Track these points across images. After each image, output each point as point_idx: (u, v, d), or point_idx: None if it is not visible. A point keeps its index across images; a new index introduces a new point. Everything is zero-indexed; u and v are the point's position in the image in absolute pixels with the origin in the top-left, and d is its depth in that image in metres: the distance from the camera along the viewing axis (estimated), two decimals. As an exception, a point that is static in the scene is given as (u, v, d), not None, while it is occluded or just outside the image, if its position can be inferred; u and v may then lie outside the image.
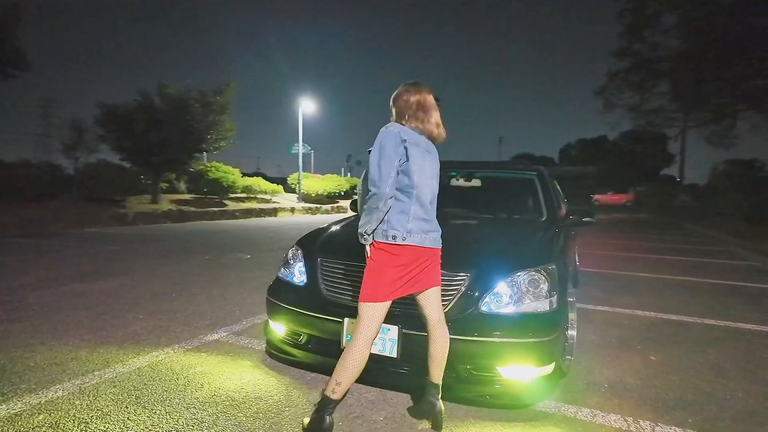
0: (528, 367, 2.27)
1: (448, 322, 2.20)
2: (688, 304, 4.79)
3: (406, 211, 2.01)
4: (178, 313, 3.95)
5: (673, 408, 2.43)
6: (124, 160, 15.57)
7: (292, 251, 3.03)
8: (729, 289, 5.68)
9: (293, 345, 2.72)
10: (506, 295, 2.38)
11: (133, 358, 2.91)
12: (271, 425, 2.15)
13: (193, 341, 3.26)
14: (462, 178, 4.03)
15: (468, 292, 2.37)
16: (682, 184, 34.25)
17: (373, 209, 1.97)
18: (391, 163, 1.97)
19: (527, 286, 2.41)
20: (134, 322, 3.66)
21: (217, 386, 2.54)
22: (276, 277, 3.04)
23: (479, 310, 2.34)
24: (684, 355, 3.26)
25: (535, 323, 2.32)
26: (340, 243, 2.92)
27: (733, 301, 5.03)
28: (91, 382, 2.54)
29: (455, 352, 2.26)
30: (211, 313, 3.98)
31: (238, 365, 2.86)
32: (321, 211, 21.54)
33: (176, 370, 2.75)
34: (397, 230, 1.98)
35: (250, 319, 3.82)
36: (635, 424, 2.25)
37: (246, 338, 3.36)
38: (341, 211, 22.53)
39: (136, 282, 5.15)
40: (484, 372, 2.30)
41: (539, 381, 2.31)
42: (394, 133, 2.01)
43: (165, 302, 4.30)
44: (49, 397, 2.36)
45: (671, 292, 5.40)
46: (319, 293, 2.65)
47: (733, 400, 2.55)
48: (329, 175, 26.12)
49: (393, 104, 2.14)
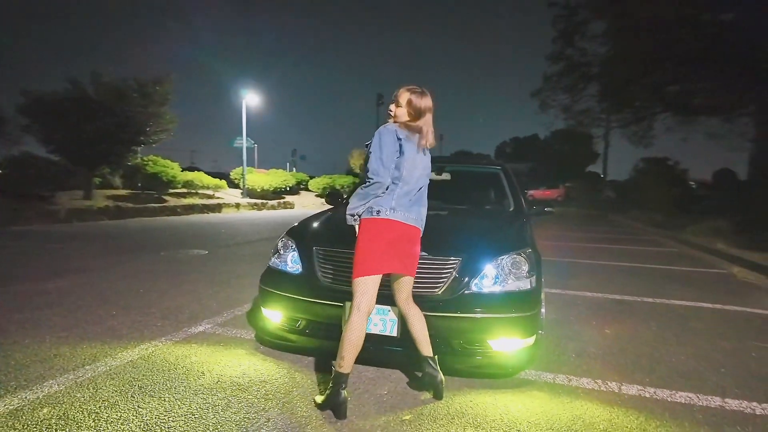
0: (513, 340, 2.53)
1: (439, 302, 2.48)
2: (627, 285, 5.37)
3: (391, 193, 2.25)
4: (153, 308, 3.88)
5: (632, 371, 2.81)
6: (52, 152, 14.40)
7: (282, 242, 3.12)
8: (658, 272, 6.39)
9: (291, 331, 2.82)
10: (493, 276, 2.64)
11: (122, 352, 2.88)
12: (284, 404, 2.27)
13: (178, 334, 3.25)
14: (433, 172, 4.26)
15: (460, 275, 2.59)
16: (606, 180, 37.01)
17: (370, 194, 2.21)
18: (391, 156, 2.20)
19: (510, 268, 2.68)
20: (108, 318, 3.57)
21: (219, 373, 2.60)
22: (268, 266, 3.11)
23: (470, 290, 2.58)
24: (632, 328, 3.71)
25: (519, 300, 2.59)
26: (334, 233, 3.04)
27: (663, 282, 5.69)
28: (85, 376, 2.51)
29: (450, 329, 2.49)
30: (188, 307, 3.95)
31: (233, 354, 2.91)
32: (267, 206, 21.13)
33: (172, 360, 2.77)
34: (381, 206, 2.22)
35: (230, 311, 3.84)
36: (604, 385, 2.59)
37: (232, 329, 3.40)
38: (288, 207, 22.24)
39: (94, 280, 4.94)
40: (476, 345, 2.54)
41: (523, 352, 2.59)
42: (392, 131, 2.26)
43: (134, 298, 4.20)
44: (45, 391, 2.31)
45: (611, 276, 6.00)
46: (316, 280, 2.77)
47: (678, 362, 2.98)
48: (274, 170, 25.59)
49: (403, 105, 2.31)
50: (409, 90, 2.33)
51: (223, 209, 18.44)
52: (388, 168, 2.21)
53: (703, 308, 4.46)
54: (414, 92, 2.31)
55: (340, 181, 25.03)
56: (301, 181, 26.41)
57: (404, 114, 2.31)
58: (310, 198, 24.80)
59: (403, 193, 2.26)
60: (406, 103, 2.30)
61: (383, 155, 2.20)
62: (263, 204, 21.25)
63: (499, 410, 2.26)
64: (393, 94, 2.40)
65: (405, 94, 2.32)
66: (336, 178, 25.37)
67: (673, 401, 2.41)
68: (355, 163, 26.12)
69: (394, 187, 2.25)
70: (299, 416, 2.16)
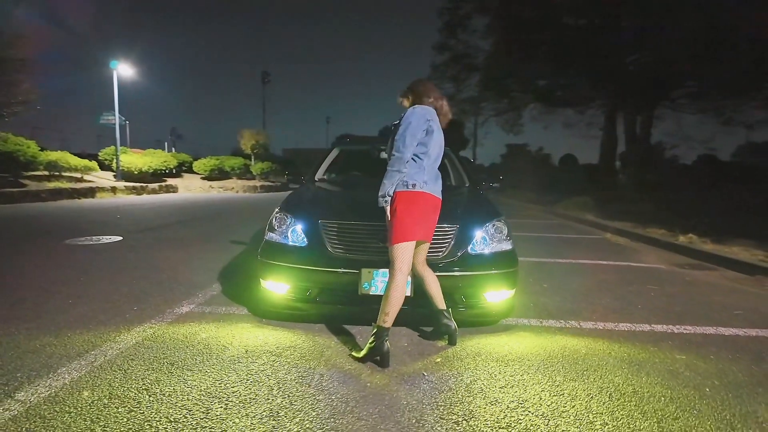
0: (501, 292, 3.02)
1: (443, 263, 2.88)
2: (538, 250, 6.32)
3: (421, 169, 2.56)
4: (114, 295, 3.63)
5: (580, 312, 3.51)
6: None
7: (278, 216, 3.20)
8: (554, 240, 7.56)
9: (301, 300, 2.96)
10: (483, 240, 3.08)
11: (120, 336, 2.75)
12: (326, 362, 2.46)
13: (165, 316, 3.15)
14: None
15: (457, 240, 2.99)
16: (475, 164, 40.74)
17: (394, 171, 2.50)
18: (414, 135, 2.51)
19: (494, 233, 3.15)
20: (70, 308, 3.28)
21: (242, 344, 2.66)
22: (265, 241, 3.17)
23: (467, 251, 3.00)
24: (561, 282, 4.50)
25: (505, 259, 3.08)
26: (335, 207, 3.21)
27: (563, 246, 6.80)
28: (99, 360, 2.40)
29: (452, 286, 2.88)
30: (151, 291, 3.76)
31: (241, 328, 2.96)
32: (148, 190, 19.33)
33: (181, 339, 2.73)
34: (416, 180, 2.53)
35: (204, 292, 3.76)
36: (567, 323, 3.23)
37: (219, 307, 3.38)
38: (171, 191, 20.59)
39: (14, 271, 4.35)
40: (473, 298, 2.97)
41: (507, 302, 3.09)
42: (423, 113, 2.55)
43: (82, 287, 3.85)
44: (67, 378, 2.19)
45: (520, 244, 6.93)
46: (325, 251, 2.94)
47: (608, 304, 3.78)
48: (152, 151, 23.35)
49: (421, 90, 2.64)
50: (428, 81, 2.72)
51: (97, 194, 16.47)
52: (411, 145, 2.51)
53: (601, 264, 5.52)
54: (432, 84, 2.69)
55: (230, 162, 23.79)
56: (183, 162, 24.50)
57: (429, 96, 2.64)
58: (195, 181, 23.17)
59: (430, 168, 2.58)
60: (424, 88, 2.63)
61: (407, 133, 2.50)
62: (143, 188, 19.39)
63: (505, 348, 2.73)
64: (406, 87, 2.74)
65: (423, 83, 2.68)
66: (224, 160, 24.01)
67: (620, 330, 3.13)
68: (245, 144, 24.91)
69: (421, 163, 2.55)
70: (347, 369, 2.38)
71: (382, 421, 1.90)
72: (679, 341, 2.94)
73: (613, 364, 2.52)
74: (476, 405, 2.04)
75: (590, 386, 2.25)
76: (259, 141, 25.02)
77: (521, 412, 1.98)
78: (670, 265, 5.64)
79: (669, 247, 6.78)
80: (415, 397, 2.11)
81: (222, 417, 1.88)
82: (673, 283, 4.64)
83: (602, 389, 2.22)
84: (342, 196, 3.61)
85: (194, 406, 1.97)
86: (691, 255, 6.19)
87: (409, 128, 2.50)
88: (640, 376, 2.37)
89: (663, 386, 2.27)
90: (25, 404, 1.95)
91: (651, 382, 2.32)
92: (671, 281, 4.71)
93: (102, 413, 1.89)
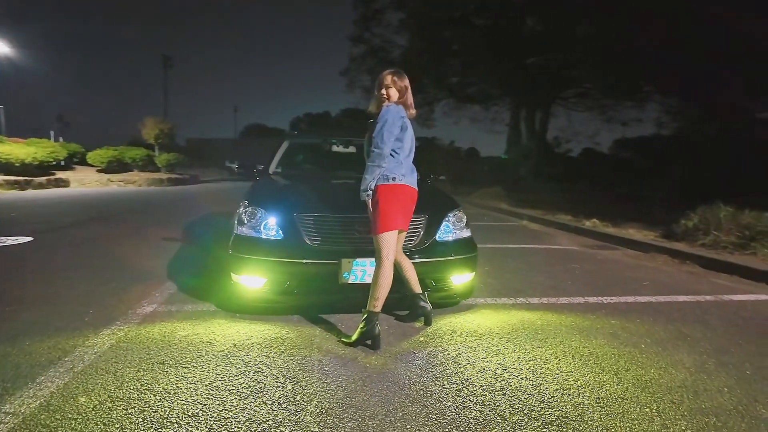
0: (465, 275, 3.32)
1: (416, 250, 3.10)
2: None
3: (398, 163, 2.75)
4: (58, 299, 3.35)
5: (525, 289, 3.95)
6: None
7: (248, 210, 3.19)
8: (479, 227, 8.16)
9: (278, 293, 2.99)
10: (446, 228, 3.35)
11: (89, 340, 2.60)
12: (318, 349, 2.57)
13: (130, 317, 3.00)
14: (341, 145, 4.71)
15: (427, 229, 3.23)
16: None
17: (375, 167, 2.65)
18: (391, 132, 2.68)
19: (456, 221, 3.44)
20: (13, 315, 2.99)
21: (227, 339, 2.66)
22: (236, 235, 3.14)
23: (435, 239, 3.25)
24: (499, 265, 4.96)
25: (466, 245, 3.38)
26: (308, 200, 3.26)
27: (489, 232, 7.39)
28: (79, 366, 2.27)
29: (424, 271, 3.11)
30: (100, 293, 3.53)
31: (217, 324, 2.92)
32: (34, 185, 17.14)
33: (159, 338, 2.66)
34: (395, 174, 2.71)
35: (162, 290, 3.61)
36: (517, 300, 3.63)
37: (185, 305, 3.29)
38: (62, 185, 18.47)
39: None
40: (441, 282, 3.23)
41: (469, 284, 3.40)
42: (397, 111, 2.73)
43: (13, 293, 3.48)
44: (53, 385, 2.07)
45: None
46: (303, 243, 3.01)
47: (544, 281, 4.27)
48: (35, 140, 20.63)
49: (391, 86, 2.76)
50: (392, 73, 2.80)
51: (-30, 189, 14.33)
52: (389, 141, 2.66)
53: (526, 248, 6.14)
54: (396, 74, 2.80)
55: (131, 153, 21.80)
56: (75, 153, 22.03)
57: (395, 94, 2.78)
58: (91, 174, 20.91)
59: (406, 161, 2.76)
60: (392, 83, 2.77)
61: (385, 130, 2.64)
62: (27, 182, 17.17)
63: (474, 325, 3.04)
64: (377, 79, 2.85)
65: (389, 77, 2.78)
66: (124, 151, 21.93)
67: (561, 303, 3.60)
68: (148, 134, 22.97)
69: (398, 157, 2.73)
70: (341, 354, 2.52)
71: (393, 395, 2.07)
72: (609, 309, 3.46)
73: (566, 332, 2.93)
74: (469, 374, 2.30)
75: (555, 351, 2.62)
76: (164, 130, 23.23)
77: (508, 377, 2.28)
78: (582, 246, 6.44)
79: (578, 231, 7.69)
80: (414, 372, 2.31)
81: (241, 407, 1.93)
82: (589, 261, 5.34)
83: (566, 353, 2.59)
84: (310, 188, 3.65)
85: (207, 400, 1.98)
86: (597, 237, 7.10)
87: (386, 125, 2.65)
88: (590, 340, 2.80)
89: (610, 346, 2.71)
90: (18, 416, 1.83)
91: (600, 343, 2.75)
92: (587, 260, 5.41)
93: (110, 416, 1.84)
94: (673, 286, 4.26)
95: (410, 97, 2.87)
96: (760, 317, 3.36)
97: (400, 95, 2.78)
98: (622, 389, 2.18)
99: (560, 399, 2.07)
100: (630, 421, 1.90)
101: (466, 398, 2.05)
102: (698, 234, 6.03)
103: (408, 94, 2.82)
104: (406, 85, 2.79)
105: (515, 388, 2.16)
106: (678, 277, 4.67)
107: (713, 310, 3.52)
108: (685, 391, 2.18)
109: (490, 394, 2.10)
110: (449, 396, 2.07)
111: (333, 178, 4.20)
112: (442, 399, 2.04)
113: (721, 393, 2.17)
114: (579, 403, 2.04)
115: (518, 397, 2.08)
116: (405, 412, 1.93)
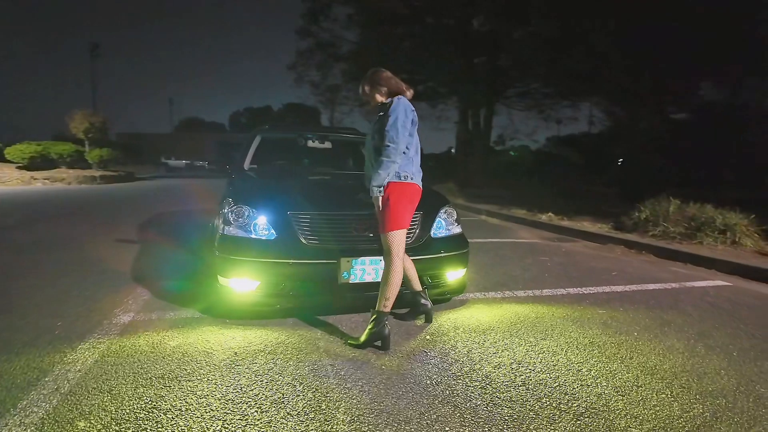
0: (459, 270, 3.32)
1: (413, 247, 3.04)
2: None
3: (410, 160, 2.70)
4: (15, 310, 2.99)
5: (509, 283, 4.03)
6: None
7: (235, 209, 3.00)
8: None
9: (273, 295, 2.84)
10: (439, 224, 3.33)
11: (68, 356, 2.33)
12: (326, 352, 2.46)
13: (107, 328, 2.73)
14: (317, 140, 4.56)
15: (422, 226, 3.19)
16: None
17: (389, 162, 2.55)
18: (405, 126, 2.62)
19: (447, 217, 3.43)
20: (-37, 332, 2.62)
21: (225, 347, 2.49)
22: (223, 236, 2.94)
23: (430, 236, 3.22)
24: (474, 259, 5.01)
25: (459, 241, 3.39)
26: (303, 198, 3.11)
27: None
28: (68, 384, 2.03)
29: (421, 268, 3.08)
30: (66, 301, 3.19)
31: (208, 331, 2.73)
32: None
33: (148, 350, 2.44)
34: (407, 172, 2.65)
35: (134, 296, 3.32)
36: (504, 294, 3.69)
37: (165, 312, 3.04)
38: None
39: None
40: (438, 278, 3.21)
41: (462, 280, 3.40)
42: (407, 104, 2.66)
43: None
44: (41, 411, 1.83)
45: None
46: (299, 243, 2.88)
47: (523, 274, 4.38)
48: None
49: (383, 84, 2.70)
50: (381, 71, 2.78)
51: None
52: (403, 135, 2.57)
53: (493, 242, 6.29)
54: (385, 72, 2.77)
55: (57, 149, 20.03)
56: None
57: (399, 88, 2.72)
58: (10, 171, 18.97)
59: (416, 159, 2.70)
60: (386, 81, 2.72)
61: (399, 124, 2.55)
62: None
63: (473, 320, 3.05)
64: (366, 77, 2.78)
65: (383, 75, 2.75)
66: (50, 146, 20.08)
67: (546, 295, 3.70)
68: (77, 128, 21.17)
69: (409, 153, 2.65)
70: (352, 356, 2.43)
71: (420, 397, 2.02)
72: (592, 300, 3.61)
73: (563, 323, 3.01)
74: (486, 370, 2.29)
75: (559, 342, 2.68)
76: (95, 124, 21.52)
77: (525, 371, 2.29)
78: (544, 239, 6.69)
79: (535, 225, 7.99)
80: (433, 372, 2.27)
81: (265, 420, 1.80)
82: (556, 254, 5.55)
83: (569, 344, 2.66)
84: (299, 185, 3.50)
85: (225, 415, 1.83)
86: (555, 230, 7.41)
87: (398, 119, 2.56)
88: (586, 330, 2.90)
89: (606, 335, 2.82)
90: (10, 448, 1.59)
91: (596, 333, 2.85)
92: (554, 252, 5.62)
93: (121, 441, 1.65)
94: (639, 275, 4.51)
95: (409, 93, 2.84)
96: (724, 302, 3.63)
97: (394, 92, 2.73)
98: (633, 377, 2.26)
99: (581, 390, 2.11)
100: (652, 408, 1.97)
101: (493, 395, 2.04)
102: (648, 225, 6.46)
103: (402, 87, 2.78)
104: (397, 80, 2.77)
105: (536, 382, 2.18)
106: (639, 266, 4.96)
107: (682, 296, 3.76)
108: (690, 375, 2.30)
109: (515, 389, 2.10)
110: (476, 394, 2.05)
111: (315, 174, 4.06)
112: (470, 398, 2.02)
113: (720, 375, 2.32)
114: (600, 393, 2.09)
115: (542, 391, 2.10)
116: (438, 414, 1.88)
